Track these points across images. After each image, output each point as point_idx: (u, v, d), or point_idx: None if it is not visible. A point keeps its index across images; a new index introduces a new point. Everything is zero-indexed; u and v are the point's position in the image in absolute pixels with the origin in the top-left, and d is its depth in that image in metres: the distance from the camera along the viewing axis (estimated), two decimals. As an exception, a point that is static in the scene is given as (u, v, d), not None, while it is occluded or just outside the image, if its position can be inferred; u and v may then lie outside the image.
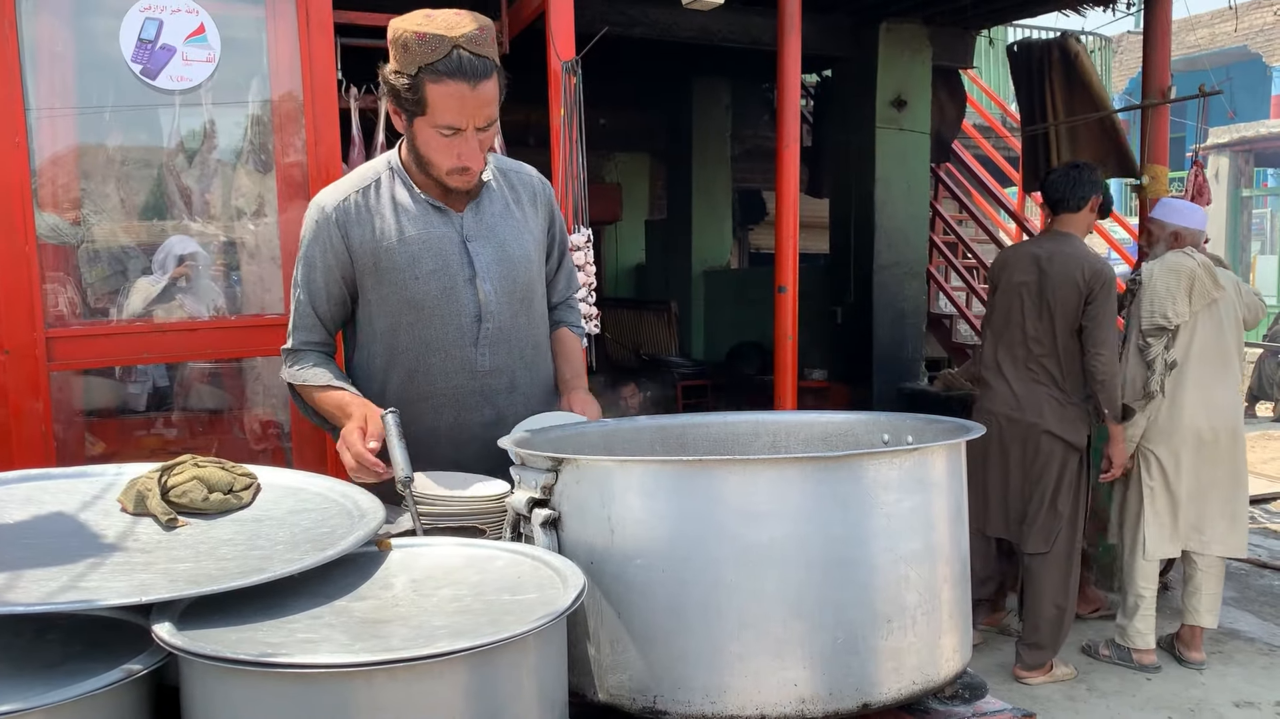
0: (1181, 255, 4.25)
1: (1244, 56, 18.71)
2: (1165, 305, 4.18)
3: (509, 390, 2.09)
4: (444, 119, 1.85)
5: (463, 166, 1.92)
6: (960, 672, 1.49)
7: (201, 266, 3.34)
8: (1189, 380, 4.19)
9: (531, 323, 2.13)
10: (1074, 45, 6.47)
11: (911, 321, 7.01)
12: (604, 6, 5.73)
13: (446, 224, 2.02)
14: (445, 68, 1.80)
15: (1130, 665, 4.35)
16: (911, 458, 1.40)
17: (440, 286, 2.00)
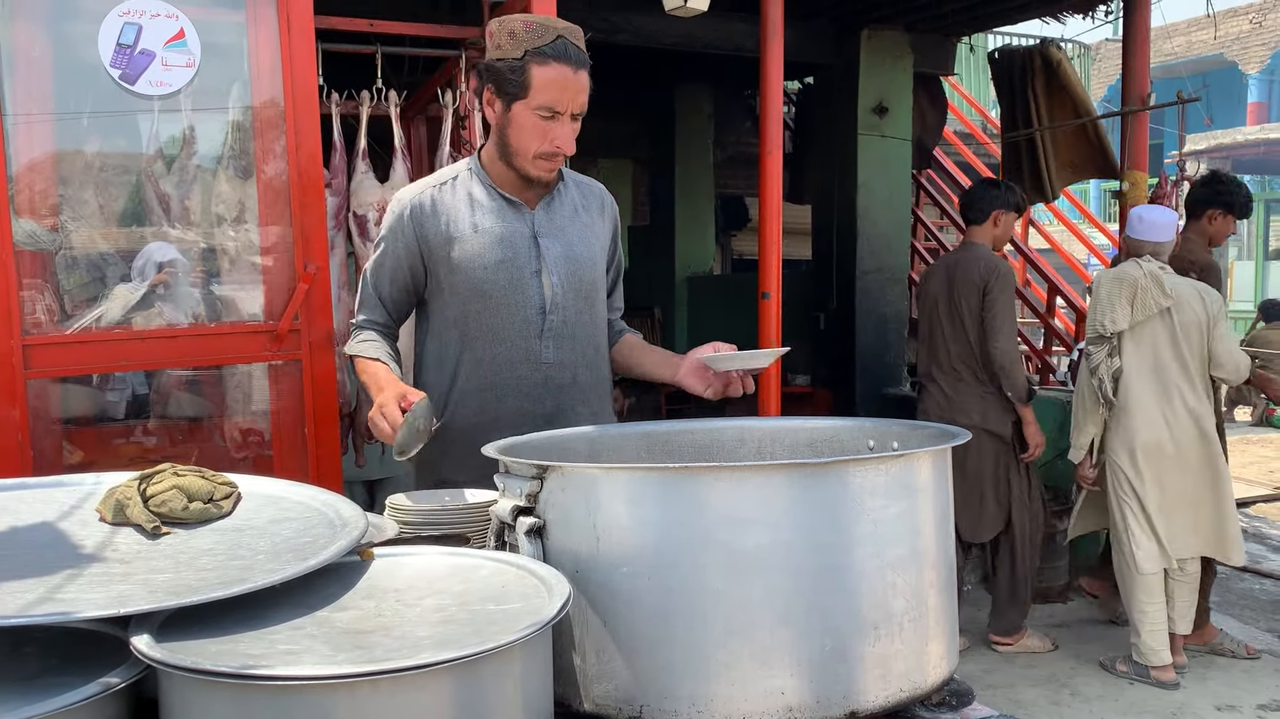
0: (1131, 265, 4.25)
1: (1220, 64, 18.91)
2: (1104, 314, 4.21)
3: (571, 385, 2.16)
4: (544, 99, 1.96)
5: (553, 150, 2.01)
6: (947, 679, 1.49)
7: (181, 273, 3.31)
8: (1144, 391, 4.19)
9: (594, 323, 2.21)
10: (1055, 53, 6.51)
11: (894, 327, 7.02)
12: (586, 13, 5.72)
13: (519, 219, 2.11)
14: (552, 51, 1.94)
15: (1148, 681, 4.27)
16: (897, 464, 1.40)
17: (508, 277, 2.09)
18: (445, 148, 3.99)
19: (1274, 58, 18.28)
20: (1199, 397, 4.21)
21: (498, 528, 1.52)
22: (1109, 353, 4.21)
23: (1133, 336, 4.21)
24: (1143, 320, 4.18)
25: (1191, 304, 4.20)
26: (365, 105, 3.86)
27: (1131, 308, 4.17)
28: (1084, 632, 4.83)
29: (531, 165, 2.05)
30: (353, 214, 3.78)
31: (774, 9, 4.51)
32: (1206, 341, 4.19)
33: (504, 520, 1.48)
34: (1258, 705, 4.08)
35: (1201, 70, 18.96)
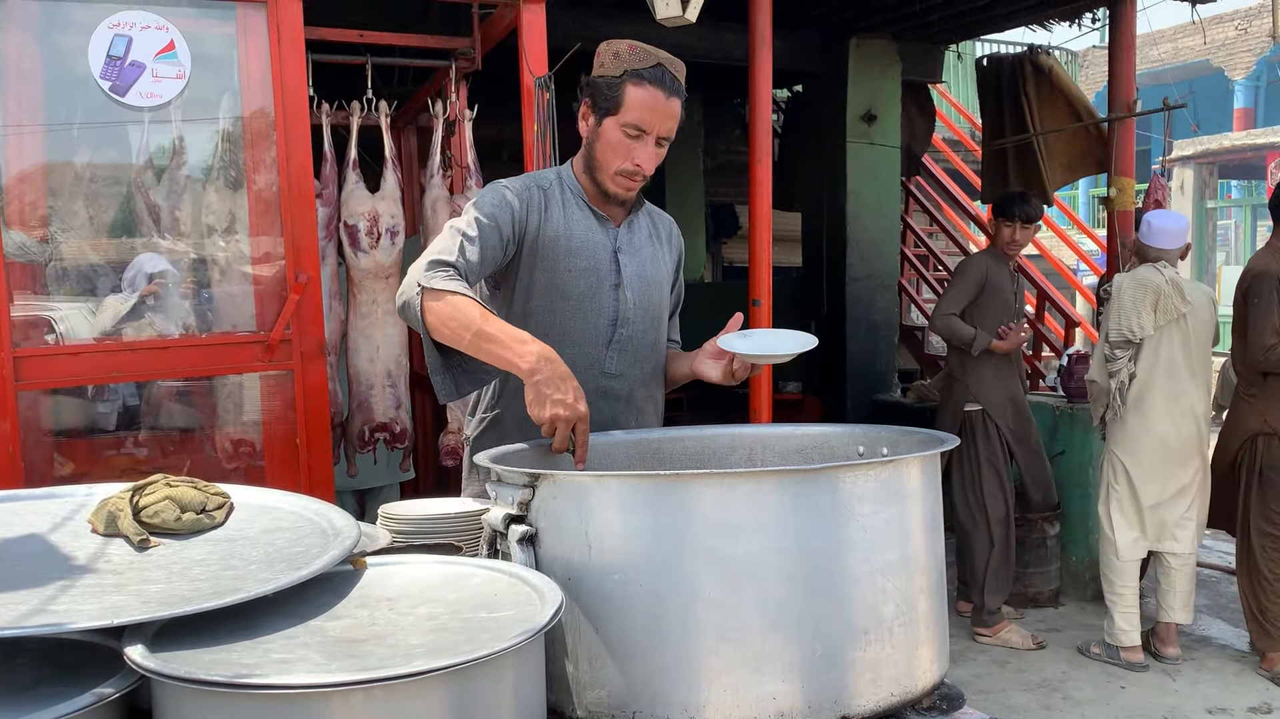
0: (1150, 270, 4.35)
1: (1207, 71, 19.02)
2: (1131, 320, 4.32)
3: (626, 400, 2.19)
4: (633, 117, 2.03)
5: (633, 169, 2.07)
6: (938, 683, 1.50)
7: (171, 285, 3.32)
8: (1157, 391, 4.34)
9: (657, 344, 2.26)
10: (1046, 59, 6.54)
11: (884, 334, 7.05)
12: (575, 23, 5.75)
13: (604, 233, 2.17)
14: (649, 75, 2.02)
15: (1119, 663, 4.48)
16: (887, 470, 1.41)
17: (588, 284, 2.14)
18: (436, 158, 4.01)
19: (1260, 64, 18.42)
20: (1202, 397, 4.40)
21: (490, 536, 1.52)
22: (1131, 357, 4.37)
23: (1151, 340, 4.34)
24: (1163, 325, 4.31)
25: (1204, 309, 4.38)
26: (356, 116, 3.87)
27: (1155, 313, 4.30)
28: (1076, 636, 4.84)
29: (612, 181, 2.10)
30: (344, 224, 3.79)
31: (763, 19, 4.53)
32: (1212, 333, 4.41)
33: (496, 529, 1.49)
34: (1248, 708, 4.10)
35: (1188, 76, 19.08)
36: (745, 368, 2.06)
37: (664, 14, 4.47)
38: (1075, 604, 5.35)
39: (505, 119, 4.12)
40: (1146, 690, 4.27)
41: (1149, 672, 4.43)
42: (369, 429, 3.94)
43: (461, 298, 1.88)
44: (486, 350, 1.84)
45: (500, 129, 6.53)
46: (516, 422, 2.10)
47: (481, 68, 4.07)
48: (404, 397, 4.02)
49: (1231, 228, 18.62)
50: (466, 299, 1.88)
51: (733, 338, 2.06)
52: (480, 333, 1.84)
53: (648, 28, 5.19)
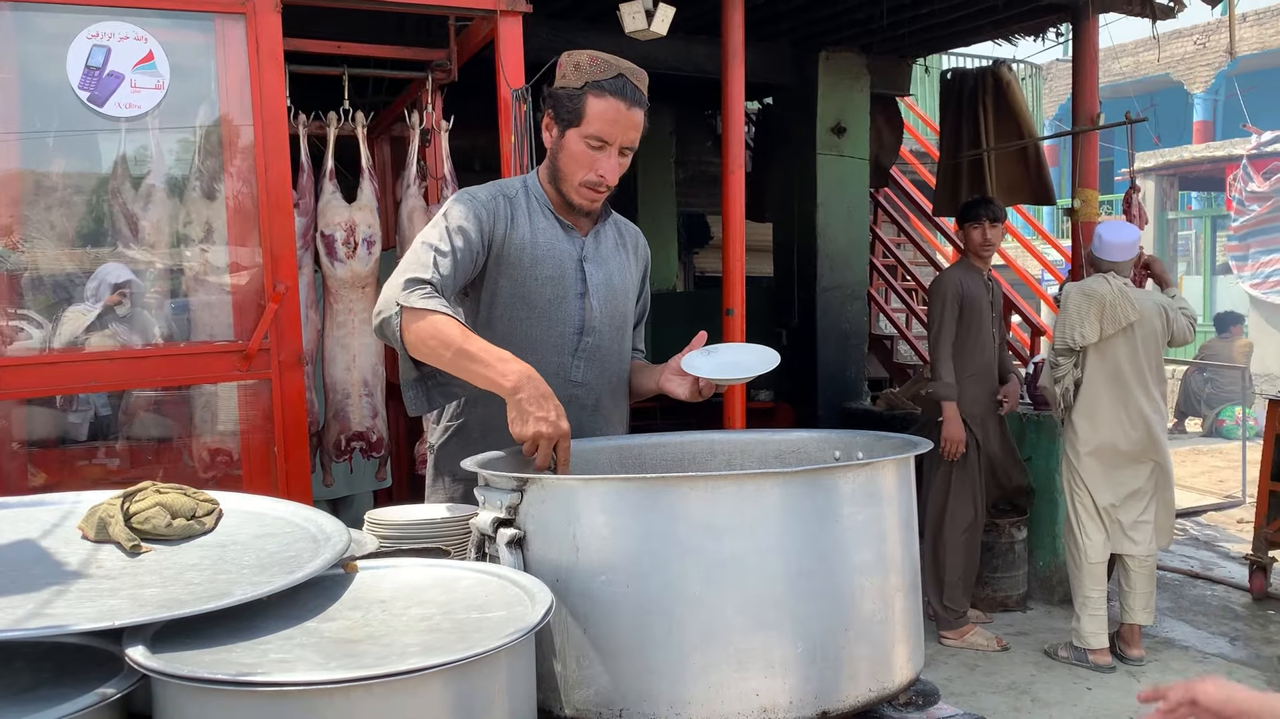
0: (1099, 280, 4.48)
1: (1167, 84, 19.38)
2: (1074, 328, 4.46)
3: (593, 409, 2.20)
4: (595, 128, 2.05)
5: (596, 180, 2.08)
6: (913, 679, 1.55)
7: (136, 294, 3.31)
8: (1105, 398, 4.47)
9: (622, 352, 2.28)
10: (1005, 74, 6.68)
11: (854, 343, 7.13)
12: (550, 35, 5.79)
13: (570, 242, 2.18)
14: (610, 86, 2.03)
15: (1086, 665, 4.57)
16: (864, 472, 1.46)
17: (554, 293, 2.15)
18: (412, 168, 4.03)
19: (1218, 78, 18.78)
20: (1153, 402, 4.49)
21: (478, 540, 1.56)
22: (1076, 363, 4.51)
23: (1097, 348, 4.46)
24: (1109, 334, 4.41)
25: (1152, 318, 4.47)
26: (332, 126, 3.89)
27: (1100, 322, 4.41)
28: (1043, 639, 4.92)
29: (576, 192, 2.12)
30: (320, 234, 3.80)
31: (735, 33, 4.60)
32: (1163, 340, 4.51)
33: (485, 532, 1.52)
34: (1211, 708, 4.19)
35: (1149, 90, 19.41)
36: (711, 386, 2.09)
37: (632, 27, 4.53)
38: (1042, 608, 5.44)
39: (479, 129, 4.16)
40: (1112, 692, 4.36)
41: (1115, 673, 4.52)
42: (345, 438, 3.94)
43: (441, 316, 1.91)
44: (468, 369, 1.87)
45: (474, 139, 6.54)
46: (482, 429, 2.12)
47: (457, 79, 4.11)
48: (380, 405, 4.02)
49: (1192, 238, 18.94)
50: (446, 318, 1.91)
51: (695, 358, 2.09)
52: (461, 351, 1.87)
53: (622, 40, 5.25)
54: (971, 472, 4.89)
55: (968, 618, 4.93)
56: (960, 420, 4.80)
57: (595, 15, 5.99)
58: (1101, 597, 4.57)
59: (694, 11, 5.70)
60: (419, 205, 4.00)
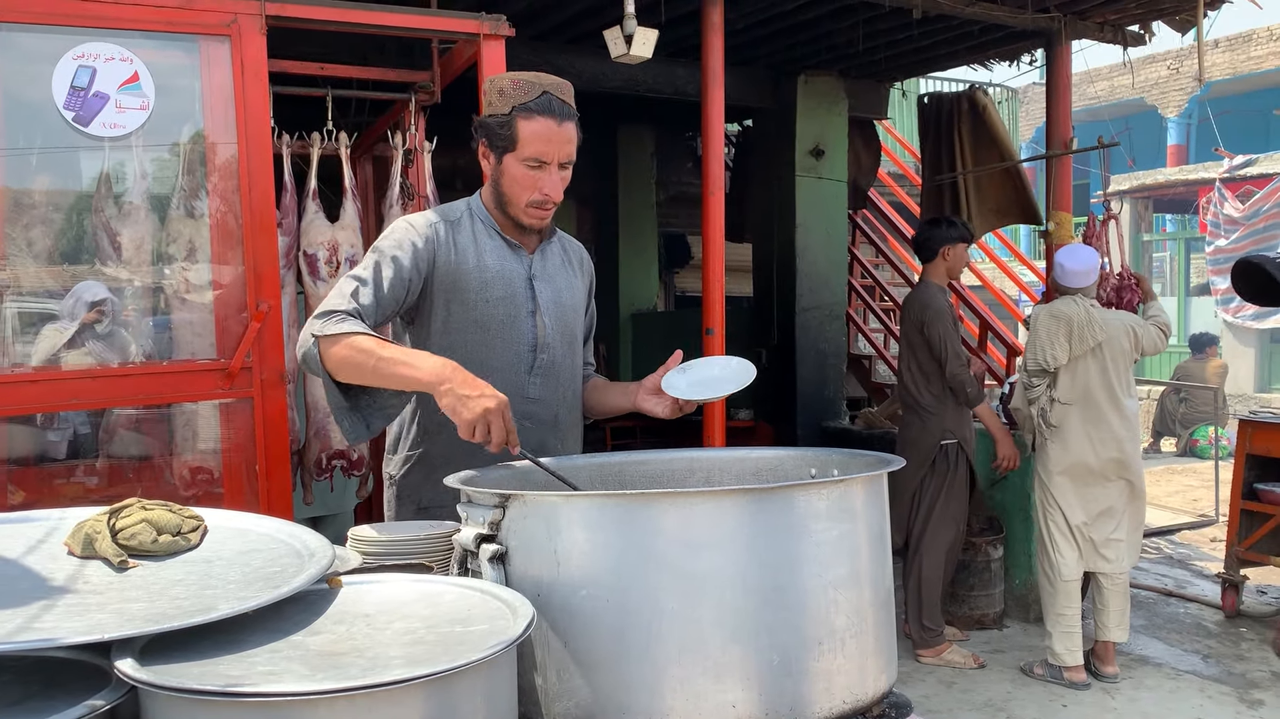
0: (1067, 302, 4.59)
1: (1142, 108, 19.67)
2: (1045, 350, 4.57)
3: (552, 424, 2.24)
4: (531, 150, 2.08)
5: (542, 199, 2.12)
6: (887, 691, 1.58)
7: (115, 311, 3.32)
8: (1076, 418, 4.55)
9: (575, 367, 2.31)
10: (981, 98, 6.79)
11: (833, 362, 7.20)
12: (531, 56, 5.85)
13: (518, 261, 2.22)
14: (536, 106, 2.07)
15: (1061, 682, 4.62)
16: (838, 489, 1.50)
17: (506, 313, 2.18)
18: (395, 188, 4.07)
19: (1191, 102, 19.07)
20: (1124, 422, 4.57)
21: (461, 555, 1.58)
22: (1049, 384, 4.61)
23: (1067, 368, 4.56)
24: (1079, 354, 4.50)
25: (1120, 338, 4.55)
26: (316, 146, 3.92)
27: (1069, 343, 4.51)
28: (1019, 657, 4.97)
29: (524, 214, 2.16)
30: (303, 253, 3.83)
31: (715, 58, 4.67)
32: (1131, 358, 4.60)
33: (467, 548, 1.55)
34: (1184, 724, 4.25)
35: (1124, 113, 19.71)
36: (679, 406, 2.13)
37: (616, 52, 4.59)
38: (1019, 625, 5.50)
39: (459, 148, 4.18)
40: (1087, 708, 4.41)
41: (1090, 690, 4.57)
42: (326, 457, 3.96)
43: (356, 336, 1.96)
44: (390, 374, 1.91)
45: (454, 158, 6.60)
46: (443, 458, 2.13)
47: (440, 101, 4.15)
48: (361, 424, 4.04)
49: (1166, 259, 19.19)
50: (361, 335, 1.96)
51: (673, 376, 2.13)
52: (379, 359, 1.92)
53: (603, 61, 5.33)
54: (963, 493, 4.93)
55: (944, 636, 4.98)
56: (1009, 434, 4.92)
57: (577, 37, 6.06)
58: (1076, 614, 4.62)
59: (675, 35, 5.78)
60: (401, 225, 4.03)
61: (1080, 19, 5.92)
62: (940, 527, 4.90)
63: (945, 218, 5.29)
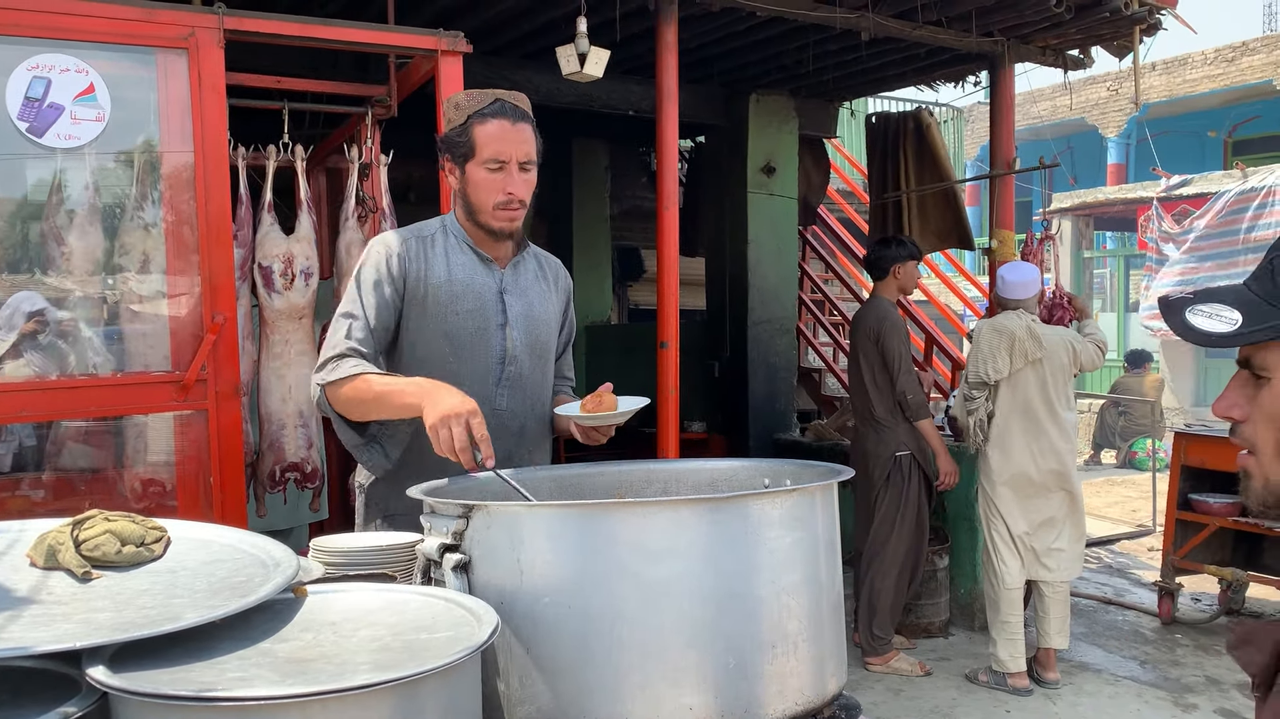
0: (1009, 317, 4.73)
1: (1083, 128, 20.15)
2: (986, 363, 4.71)
3: (519, 434, 2.29)
4: (490, 152, 2.16)
5: (508, 199, 2.18)
6: (838, 694, 1.64)
7: (53, 322, 3.29)
8: (1016, 429, 4.69)
9: (544, 379, 2.37)
10: (926, 118, 6.96)
11: (784, 375, 7.30)
12: (486, 71, 5.89)
13: (489, 274, 2.27)
14: (490, 110, 2.17)
15: (1005, 689, 4.73)
16: (791, 498, 1.56)
17: (475, 325, 2.23)
18: (351, 201, 4.08)
19: (1130, 123, 19.58)
20: (1063, 434, 4.71)
21: (424, 565, 1.62)
22: (988, 397, 4.74)
23: (1008, 382, 4.70)
24: (1018, 368, 4.63)
25: (1059, 353, 4.69)
26: (271, 159, 3.92)
27: (1010, 358, 4.64)
28: (964, 664, 5.08)
29: (493, 218, 2.21)
30: (258, 265, 3.82)
31: (669, 77, 4.74)
32: (1070, 373, 4.73)
33: (431, 558, 1.58)
34: (1122, 728, 4.38)
35: (1066, 133, 20.18)
36: (597, 430, 2.19)
37: (567, 70, 4.65)
38: (964, 633, 5.62)
39: (413, 161, 4.22)
40: (1030, 714, 4.52)
41: (1032, 696, 4.69)
42: (280, 469, 3.95)
43: (357, 378, 2.08)
44: (387, 405, 2.05)
45: (408, 170, 6.61)
46: (415, 467, 2.17)
47: (397, 114, 4.17)
48: (315, 436, 4.04)
49: (1107, 276, 19.65)
50: (360, 376, 2.08)
51: (572, 404, 2.23)
52: (377, 393, 2.06)
53: (558, 77, 5.38)
54: (920, 502, 5.02)
55: (892, 644, 5.07)
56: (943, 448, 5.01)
57: (532, 53, 6.12)
58: (1019, 622, 4.74)
59: (629, 53, 5.86)
60: (357, 238, 4.04)
61: (1023, 43, 6.09)
62: (895, 537, 4.99)
63: (896, 237, 5.44)
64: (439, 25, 3.87)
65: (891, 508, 4.98)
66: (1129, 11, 5.42)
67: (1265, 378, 1.07)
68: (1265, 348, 1.06)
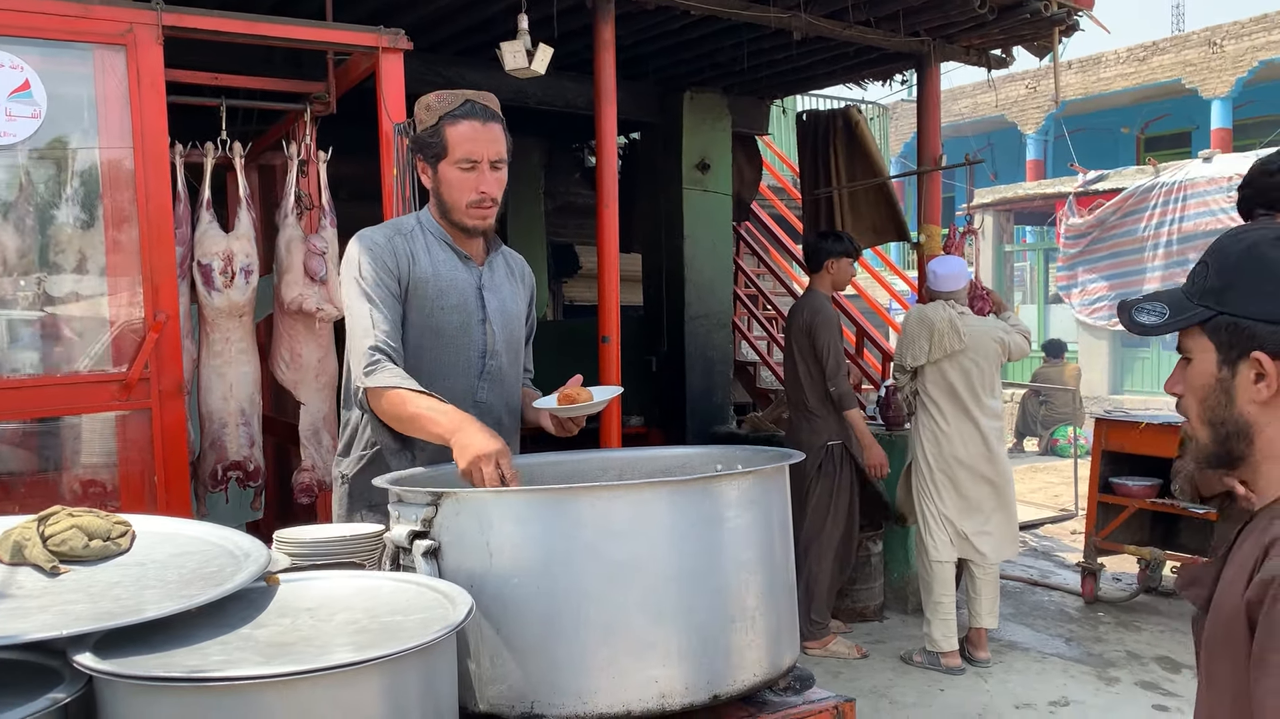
0: (936, 307, 4.91)
1: (1002, 125, 20.68)
2: (907, 350, 4.91)
3: (497, 427, 2.28)
4: (462, 152, 2.22)
5: (480, 197, 2.23)
6: (792, 665, 1.73)
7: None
8: (946, 413, 4.87)
9: (517, 374, 2.43)
10: (855, 115, 7.12)
11: (720, 369, 7.41)
12: (422, 67, 5.88)
13: (468, 271, 2.32)
14: (461, 111, 2.23)
15: (939, 668, 4.89)
16: (747, 480, 1.63)
17: (460, 320, 2.28)
18: (290, 198, 4.06)
19: (1048, 120, 20.15)
20: (990, 420, 4.89)
21: (393, 552, 1.66)
22: (911, 379, 4.96)
23: (936, 367, 4.87)
24: (938, 358, 4.82)
25: (985, 344, 4.88)
26: (209, 156, 3.89)
27: (930, 346, 4.83)
28: (899, 646, 5.23)
29: (467, 216, 2.27)
30: (197, 263, 3.79)
31: (606, 75, 4.80)
32: (998, 363, 4.91)
33: (400, 545, 1.63)
34: (1049, 702, 4.56)
35: (986, 129, 20.70)
36: (571, 420, 2.27)
37: (512, 65, 4.68)
38: (898, 617, 5.78)
39: (343, 157, 4.21)
40: (962, 692, 4.68)
41: (964, 674, 4.85)
42: (222, 468, 3.93)
43: (394, 391, 2.10)
44: (419, 429, 2.07)
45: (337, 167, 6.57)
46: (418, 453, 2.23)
47: (335, 111, 4.17)
48: (257, 435, 4.03)
49: (1027, 269, 20.21)
50: (397, 391, 2.10)
51: (549, 398, 2.28)
52: (410, 416, 2.08)
53: (493, 73, 5.40)
54: (852, 490, 5.14)
55: (829, 628, 5.20)
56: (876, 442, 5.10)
57: (467, 50, 6.12)
58: (951, 603, 4.91)
59: (564, 50, 5.89)
60: (297, 234, 4.03)
61: (949, 43, 6.27)
62: (829, 525, 5.12)
63: (832, 232, 5.57)
64: (375, 21, 3.88)
65: (824, 496, 5.10)
66: (1049, 13, 5.62)
67: (1189, 358, 1.31)
68: (1188, 334, 1.30)
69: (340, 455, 2.41)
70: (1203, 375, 1.29)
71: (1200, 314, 1.27)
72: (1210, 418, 1.29)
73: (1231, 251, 1.27)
